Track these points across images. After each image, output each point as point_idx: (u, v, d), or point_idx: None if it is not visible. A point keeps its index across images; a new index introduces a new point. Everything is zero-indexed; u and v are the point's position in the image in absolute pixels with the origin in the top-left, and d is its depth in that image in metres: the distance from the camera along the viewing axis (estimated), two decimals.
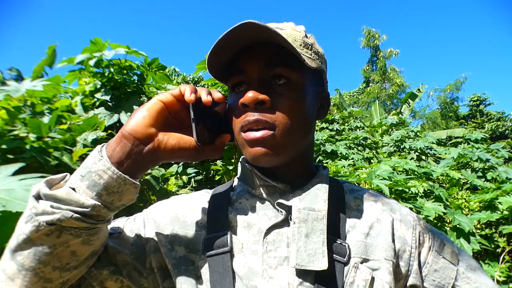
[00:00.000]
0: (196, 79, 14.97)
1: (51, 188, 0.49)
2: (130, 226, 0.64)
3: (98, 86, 2.06)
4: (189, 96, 0.51)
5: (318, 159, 5.09)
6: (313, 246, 0.52)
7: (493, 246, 2.31)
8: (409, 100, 12.32)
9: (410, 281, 0.58)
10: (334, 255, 0.55)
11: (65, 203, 0.47)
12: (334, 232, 0.57)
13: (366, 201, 0.64)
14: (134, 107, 1.92)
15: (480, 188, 3.01)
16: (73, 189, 0.48)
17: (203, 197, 0.68)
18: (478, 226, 2.52)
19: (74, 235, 0.48)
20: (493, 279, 2.10)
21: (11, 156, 1.18)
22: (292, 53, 0.53)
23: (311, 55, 0.58)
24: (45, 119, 1.64)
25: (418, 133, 5.93)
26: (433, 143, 5.67)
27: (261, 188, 0.61)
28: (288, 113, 0.55)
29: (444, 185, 3.34)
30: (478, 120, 22.17)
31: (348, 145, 5.43)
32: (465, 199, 2.77)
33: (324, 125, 6.91)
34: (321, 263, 0.51)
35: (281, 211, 0.58)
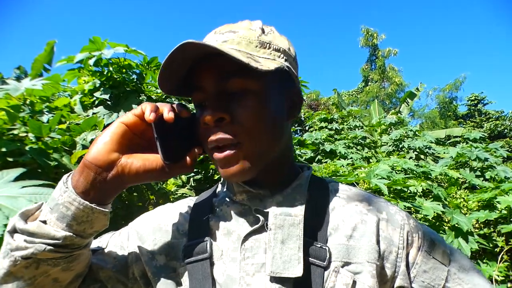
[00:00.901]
0: None
1: (27, 220, 0.51)
2: (114, 240, 0.66)
3: (97, 85, 2.06)
4: (148, 116, 0.50)
5: (317, 158, 5.09)
6: (289, 253, 0.52)
7: (491, 245, 2.32)
8: (408, 99, 12.34)
9: (398, 283, 0.56)
10: (313, 259, 0.54)
11: (38, 237, 0.47)
12: (314, 235, 0.56)
13: (351, 201, 0.62)
14: (133, 106, 1.91)
15: (478, 187, 3.02)
16: (44, 221, 0.49)
17: (187, 205, 0.68)
18: (477, 225, 2.53)
19: (52, 265, 0.50)
20: (492, 279, 2.11)
21: (10, 159, 1.18)
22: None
23: (270, 54, 0.55)
24: (44, 118, 1.63)
25: (417, 133, 5.94)
26: (431, 142, 5.69)
27: (241, 195, 0.61)
28: (251, 124, 0.53)
29: (442, 184, 3.34)
30: (476, 119, 22.24)
31: (347, 144, 5.43)
32: (463, 198, 2.78)
33: (323, 124, 6.92)
34: (296, 270, 0.51)
35: (258, 218, 0.57)
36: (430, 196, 2.61)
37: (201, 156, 0.72)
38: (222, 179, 0.67)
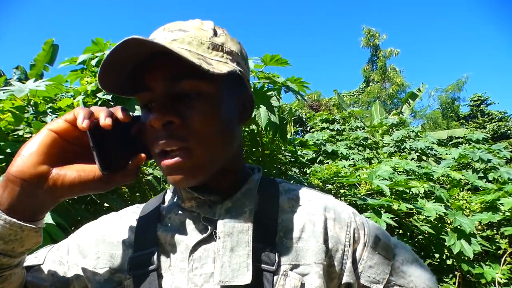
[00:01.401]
0: None
1: None
2: (53, 256, 0.61)
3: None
4: (81, 123, 0.44)
5: (318, 159, 5.09)
6: (238, 260, 0.51)
7: (494, 247, 2.32)
8: (409, 100, 12.32)
9: (344, 279, 0.57)
10: (262, 265, 0.53)
11: None
12: (263, 240, 0.55)
13: (300, 201, 0.62)
14: (136, 107, 1.92)
15: (481, 189, 3.01)
16: None
17: (133, 214, 0.64)
18: (479, 227, 2.53)
19: None
20: (494, 281, 2.10)
21: None
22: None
23: (222, 57, 0.53)
24: (48, 119, 1.64)
25: (418, 134, 5.94)
26: (433, 143, 5.68)
27: (190, 201, 0.58)
28: (202, 129, 0.50)
29: (445, 185, 3.34)
30: (479, 120, 22.16)
31: (348, 145, 5.44)
32: (466, 200, 2.77)
33: (324, 125, 6.92)
34: (245, 278, 0.50)
35: (207, 226, 0.55)
36: (432, 197, 2.61)
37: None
38: (172, 186, 0.64)
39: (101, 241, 0.60)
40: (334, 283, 0.57)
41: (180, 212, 0.59)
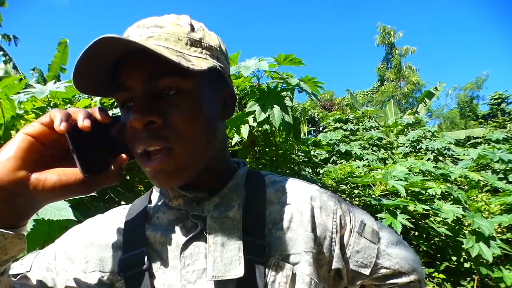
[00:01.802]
0: None
1: None
2: (39, 262, 0.60)
3: None
4: (58, 126, 0.42)
5: (332, 159, 5.05)
6: (229, 254, 0.51)
7: None
8: (425, 99, 12.08)
9: (334, 265, 0.59)
10: (253, 257, 0.53)
11: None
12: (253, 233, 0.55)
13: (287, 192, 0.63)
14: None
15: (501, 191, 2.93)
16: None
17: (119, 215, 0.63)
18: (499, 230, 2.46)
19: None
20: None
21: None
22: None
23: (201, 52, 0.52)
24: None
25: (435, 134, 5.81)
26: (451, 143, 5.55)
27: (177, 200, 0.58)
28: (184, 127, 0.49)
29: (462, 187, 3.26)
30: (499, 119, 21.48)
31: (362, 145, 5.37)
32: (485, 201, 2.70)
33: (338, 124, 6.86)
34: (237, 271, 0.50)
35: (196, 223, 0.55)
36: (450, 199, 2.56)
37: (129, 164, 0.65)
38: None
39: (88, 244, 0.59)
40: (323, 269, 0.58)
41: (167, 210, 0.59)
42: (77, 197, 0.49)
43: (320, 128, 9.02)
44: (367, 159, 4.74)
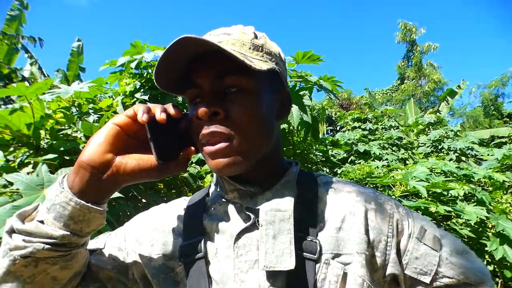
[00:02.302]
0: None
1: (24, 220, 0.52)
2: (112, 241, 0.67)
3: (137, 87, 2.16)
4: (141, 117, 0.50)
5: (350, 159, 4.99)
6: (281, 247, 0.53)
7: None
8: (448, 97, 11.73)
9: (389, 270, 0.57)
10: (304, 253, 0.55)
11: (36, 236, 0.49)
12: (304, 229, 0.57)
13: (339, 193, 0.64)
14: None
15: None
16: (42, 221, 0.50)
17: (181, 205, 0.70)
18: None
19: (51, 263, 0.51)
20: None
21: (67, 157, 1.28)
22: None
23: (262, 56, 0.58)
24: (90, 119, 1.75)
25: (457, 133, 5.65)
26: (474, 143, 5.38)
27: (232, 193, 0.62)
28: (244, 121, 0.54)
29: (486, 188, 3.16)
30: None
31: (381, 145, 5.28)
32: (510, 203, 2.61)
33: (356, 124, 6.76)
34: (288, 263, 0.52)
35: (249, 215, 0.59)
36: (473, 200, 2.48)
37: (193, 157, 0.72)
38: (215, 179, 0.69)
39: (153, 229, 0.66)
40: (378, 274, 0.58)
41: (223, 203, 0.64)
42: (148, 181, 0.58)
43: (338, 128, 8.92)
44: (386, 159, 4.66)
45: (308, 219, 0.59)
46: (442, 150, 5.21)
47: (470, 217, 2.08)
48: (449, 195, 2.43)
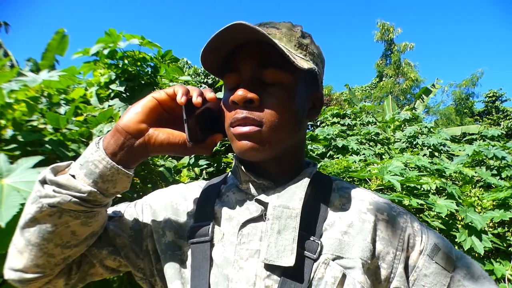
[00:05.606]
0: (207, 72, 14.98)
1: (56, 174, 0.55)
2: (130, 211, 0.70)
3: (113, 78, 2.09)
4: (180, 98, 0.54)
5: (329, 153, 5.06)
6: (283, 243, 0.54)
7: (505, 245, 2.28)
8: (423, 95, 12.10)
9: (394, 284, 0.57)
10: (305, 251, 0.56)
11: (65, 188, 0.52)
12: (309, 229, 0.58)
13: (351, 199, 0.63)
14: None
15: (494, 186, 2.95)
16: (73, 176, 0.53)
17: (197, 187, 0.72)
18: (491, 224, 2.49)
19: (74, 216, 0.54)
20: (504, 278, 2.07)
21: (30, 148, 1.22)
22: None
23: (305, 55, 0.60)
24: (61, 110, 1.67)
25: (431, 129, 5.83)
26: (446, 139, 5.58)
27: (246, 183, 0.65)
28: (276, 112, 0.56)
29: (457, 182, 3.29)
30: (493, 116, 21.59)
31: (359, 140, 5.38)
32: (478, 197, 2.73)
33: (335, 119, 6.86)
34: (288, 260, 0.53)
35: (258, 207, 0.60)
36: (444, 194, 2.57)
37: (217, 146, 0.75)
38: (233, 168, 0.70)
39: (169, 206, 0.69)
40: (382, 285, 0.57)
41: (237, 192, 0.66)
42: (175, 155, 0.62)
43: (318, 123, 9.02)
44: (363, 154, 4.75)
45: (314, 220, 0.59)
46: (417, 146, 5.37)
47: (441, 210, 2.16)
48: (422, 189, 2.51)
